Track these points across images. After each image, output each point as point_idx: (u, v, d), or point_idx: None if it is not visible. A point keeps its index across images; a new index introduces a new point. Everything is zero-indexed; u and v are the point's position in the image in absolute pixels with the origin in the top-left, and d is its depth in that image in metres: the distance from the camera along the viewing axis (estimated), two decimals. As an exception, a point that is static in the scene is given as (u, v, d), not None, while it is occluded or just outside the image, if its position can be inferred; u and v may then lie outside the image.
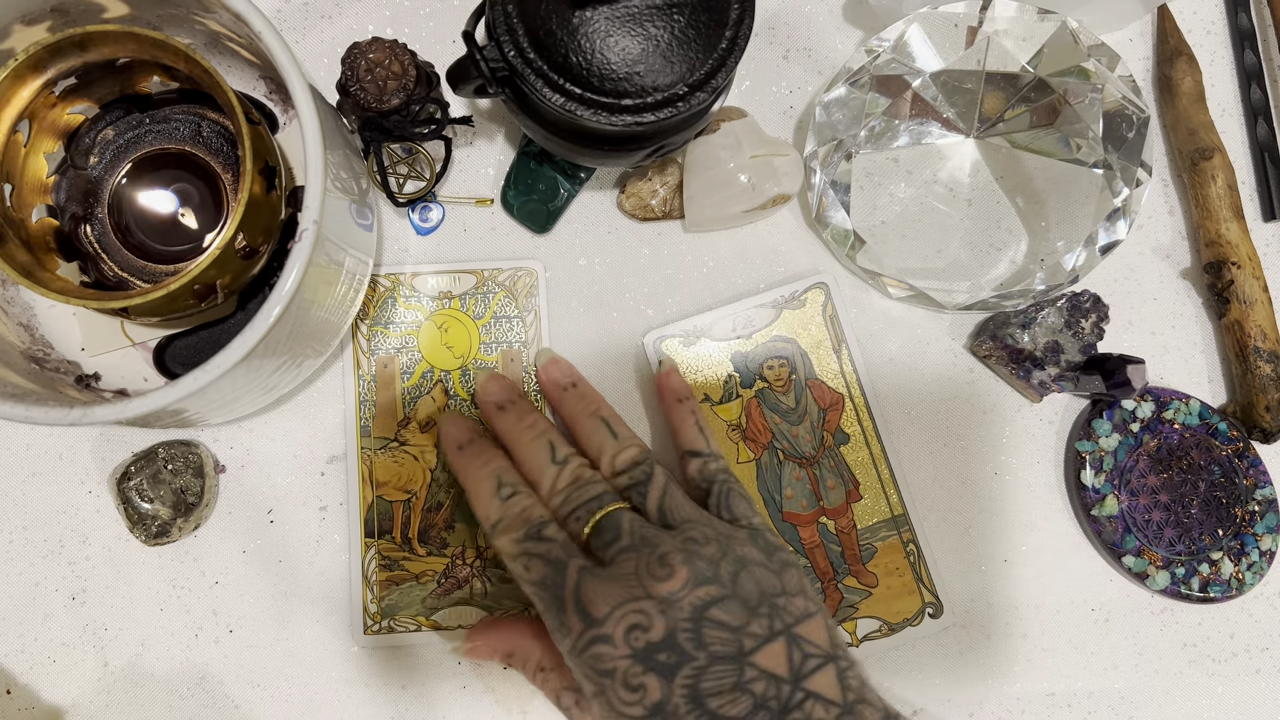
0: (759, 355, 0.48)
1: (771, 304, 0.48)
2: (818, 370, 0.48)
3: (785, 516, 0.47)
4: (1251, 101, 0.52)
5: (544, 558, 0.37)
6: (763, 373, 0.48)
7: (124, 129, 0.43)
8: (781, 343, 0.48)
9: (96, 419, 0.34)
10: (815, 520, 0.47)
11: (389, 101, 0.41)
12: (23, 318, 0.43)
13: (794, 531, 0.47)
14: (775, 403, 0.48)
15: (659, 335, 0.48)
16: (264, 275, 0.42)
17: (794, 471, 0.47)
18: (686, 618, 0.33)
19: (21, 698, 0.46)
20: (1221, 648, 0.49)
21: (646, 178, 0.49)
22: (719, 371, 0.48)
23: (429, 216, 0.49)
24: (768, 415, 0.47)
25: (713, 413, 0.47)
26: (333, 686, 0.46)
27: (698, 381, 0.48)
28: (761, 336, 0.48)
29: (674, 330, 0.48)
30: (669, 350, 0.48)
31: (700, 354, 0.48)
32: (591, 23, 0.38)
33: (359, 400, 0.47)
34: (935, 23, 0.46)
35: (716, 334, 0.48)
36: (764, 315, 0.48)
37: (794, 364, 0.48)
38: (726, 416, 0.48)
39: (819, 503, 0.47)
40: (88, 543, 0.47)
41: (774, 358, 0.48)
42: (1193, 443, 0.48)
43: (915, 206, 0.47)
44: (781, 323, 0.48)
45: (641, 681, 0.33)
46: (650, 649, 0.33)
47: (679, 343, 0.48)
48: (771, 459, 0.47)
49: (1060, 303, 0.48)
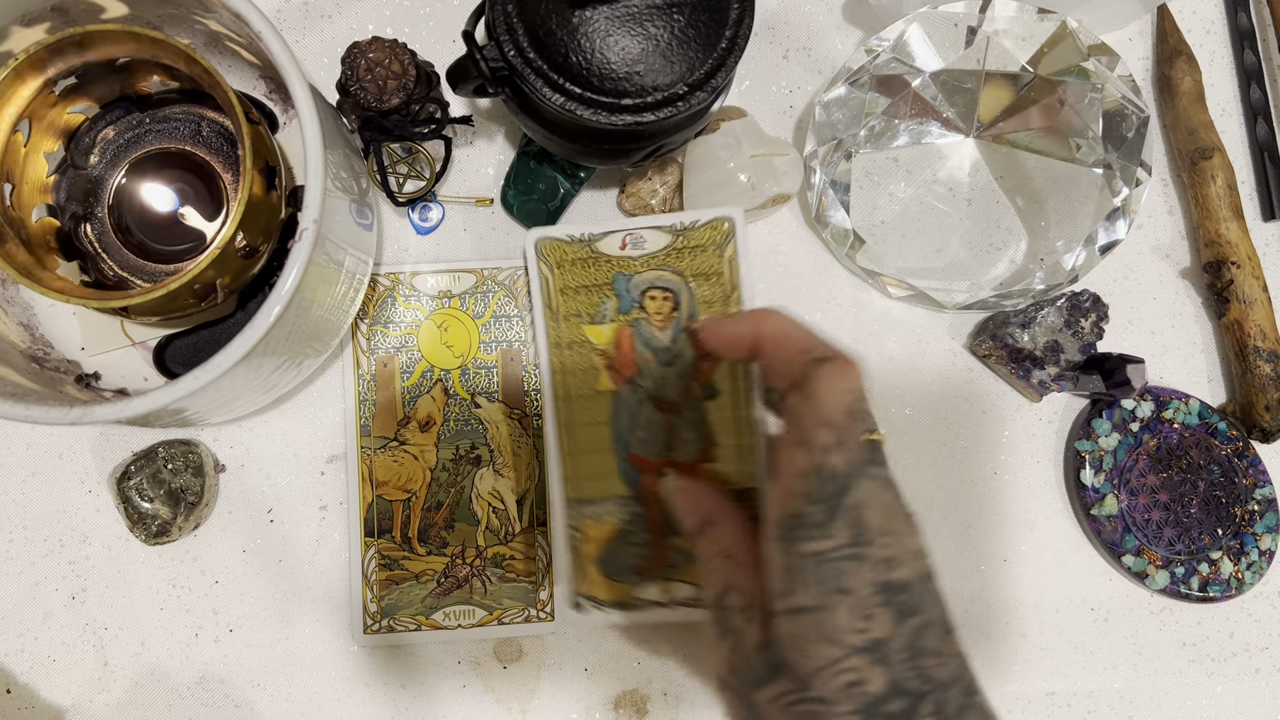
0: (643, 281, 0.44)
1: (668, 227, 0.44)
2: (702, 314, 0.44)
3: (631, 458, 0.44)
4: (1251, 101, 0.52)
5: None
6: (643, 301, 0.44)
7: (124, 128, 0.43)
8: (670, 274, 0.44)
9: (96, 418, 0.34)
10: (660, 470, 0.43)
11: (389, 101, 0.41)
12: (23, 317, 0.43)
13: (635, 475, 0.44)
14: (650, 337, 0.44)
15: (542, 235, 0.44)
16: (264, 275, 0.42)
17: (652, 414, 0.44)
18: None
19: (21, 697, 0.46)
20: (1221, 647, 0.49)
21: (646, 177, 0.49)
22: (597, 289, 0.45)
23: (429, 216, 0.49)
24: (639, 349, 0.44)
25: (584, 331, 0.44)
26: (333, 685, 0.46)
27: (573, 294, 0.44)
28: (651, 261, 0.44)
29: (559, 233, 0.45)
30: (549, 251, 0.44)
31: (582, 264, 0.44)
32: (591, 22, 0.38)
33: (359, 399, 0.47)
34: (935, 22, 0.46)
35: (603, 247, 0.44)
36: (657, 239, 0.44)
37: (679, 299, 0.44)
38: (595, 339, 0.44)
39: (669, 453, 0.43)
40: (88, 542, 0.47)
41: (658, 288, 0.44)
42: (1192, 442, 0.48)
43: (915, 206, 0.47)
44: (674, 251, 0.44)
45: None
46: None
47: (564, 246, 0.44)
48: (632, 395, 0.44)
49: (1060, 302, 0.48)
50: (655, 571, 0.43)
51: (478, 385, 0.48)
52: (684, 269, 0.45)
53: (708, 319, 0.36)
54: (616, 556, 0.43)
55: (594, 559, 0.44)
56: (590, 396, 0.44)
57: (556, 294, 0.45)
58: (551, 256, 0.44)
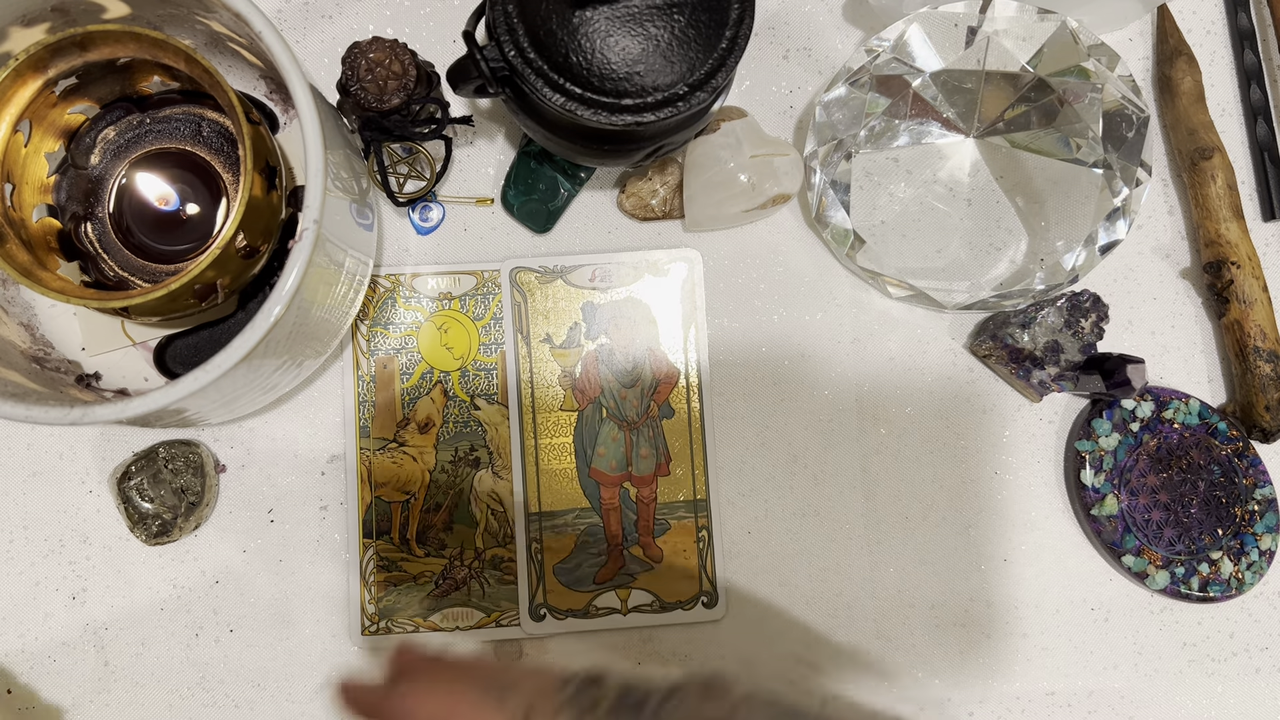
0: (609, 311, 0.48)
1: (633, 264, 0.49)
2: (663, 341, 0.48)
3: (592, 473, 0.48)
4: (1251, 101, 0.52)
5: None
6: (609, 329, 0.48)
7: (124, 129, 0.43)
8: (633, 305, 0.48)
9: (97, 418, 0.34)
10: (619, 484, 0.48)
11: (389, 101, 0.41)
12: (23, 317, 0.43)
13: (596, 489, 0.48)
14: (613, 361, 0.48)
15: (517, 264, 0.48)
16: (264, 275, 0.42)
17: (612, 432, 0.48)
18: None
19: (22, 697, 0.46)
20: (1221, 647, 0.49)
21: (646, 177, 0.49)
22: (567, 316, 0.48)
23: (429, 216, 0.49)
24: (602, 372, 0.48)
25: (551, 354, 0.48)
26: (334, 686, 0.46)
27: (546, 320, 0.48)
28: (616, 294, 0.48)
29: (533, 263, 0.48)
30: (524, 282, 0.48)
31: (554, 294, 0.48)
32: (592, 22, 0.38)
33: (358, 400, 0.47)
34: (935, 23, 0.46)
35: (574, 279, 0.48)
36: (623, 273, 0.48)
37: (641, 328, 0.48)
38: (562, 362, 0.48)
39: (628, 468, 0.48)
40: (88, 542, 0.47)
41: (623, 317, 0.48)
42: (1192, 442, 0.48)
43: (915, 206, 0.47)
44: (640, 285, 0.49)
45: None
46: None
47: (536, 277, 0.48)
48: (594, 414, 0.48)
49: (1060, 302, 0.48)
50: (612, 580, 0.47)
51: (477, 387, 0.48)
52: (649, 302, 0.49)
53: (351, 686, 0.33)
54: (575, 567, 0.47)
55: (554, 569, 0.47)
56: (554, 415, 0.48)
57: (527, 319, 0.48)
58: (525, 285, 0.48)
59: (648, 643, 0.47)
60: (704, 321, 0.49)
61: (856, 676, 0.48)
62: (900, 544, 0.48)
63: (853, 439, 0.49)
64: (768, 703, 0.29)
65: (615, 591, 0.47)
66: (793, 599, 0.48)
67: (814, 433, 0.49)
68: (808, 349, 0.49)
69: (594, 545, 0.47)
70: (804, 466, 0.49)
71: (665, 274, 0.49)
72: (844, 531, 0.48)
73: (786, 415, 0.49)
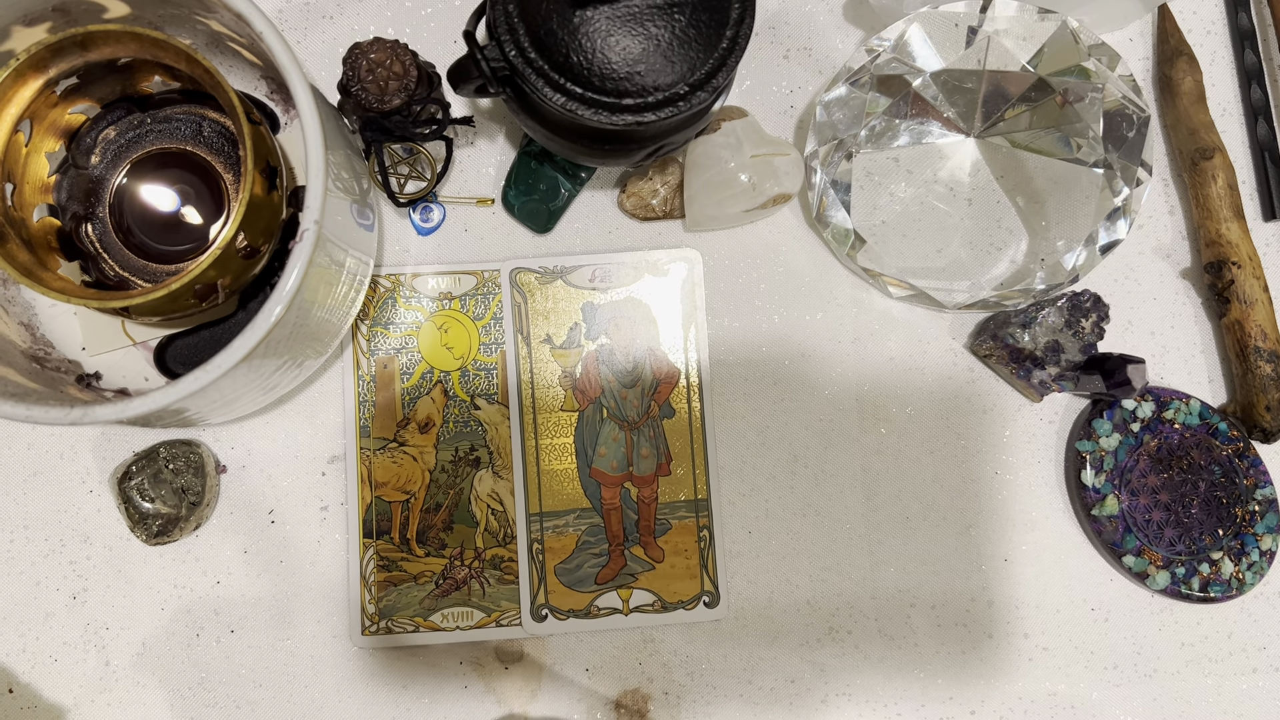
0: (609, 311, 0.48)
1: (634, 264, 0.49)
2: (663, 341, 0.48)
3: (592, 473, 0.48)
4: (1251, 101, 0.52)
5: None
6: (609, 329, 0.48)
7: (125, 129, 0.43)
8: (634, 305, 0.48)
9: (97, 418, 0.34)
10: (620, 484, 0.48)
11: (390, 101, 0.41)
12: (24, 317, 0.43)
13: (597, 489, 0.47)
14: (613, 362, 0.48)
15: (517, 264, 0.48)
16: (265, 275, 0.42)
17: (613, 432, 0.48)
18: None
19: (23, 697, 0.46)
20: (1219, 647, 0.49)
21: (647, 177, 0.49)
22: (567, 317, 0.48)
23: (430, 216, 0.49)
24: (603, 372, 0.48)
25: (552, 355, 0.48)
26: (335, 686, 0.46)
27: (546, 320, 0.48)
28: (617, 294, 0.48)
29: (533, 264, 0.48)
30: (524, 282, 0.48)
31: (554, 294, 0.48)
32: (592, 22, 0.38)
33: (358, 400, 0.47)
34: (935, 22, 0.46)
35: (574, 279, 0.48)
36: (624, 273, 0.49)
37: (641, 328, 0.48)
38: (563, 363, 0.48)
39: (629, 468, 0.48)
40: (89, 542, 0.47)
41: (623, 318, 0.48)
42: (1193, 442, 0.48)
43: (915, 206, 0.47)
44: (640, 285, 0.49)
45: None
46: None
47: (536, 278, 0.48)
48: (595, 414, 0.48)
49: (1060, 302, 0.48)
50: (614, 580, 0.47)
51: (477, 387, 0.48)
52: (649, 302, 0.49)
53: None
54: (577, 567, 0.47)
55: (555, 569, 0.47)
56: (555, 415, 0.48)
57: (527, 319, 0.48)
58: (525, 285, 0.48)
59: (649, 643, 0.47)
60: (704, 321, 0.49)
61: (858, 676, 0.48)
62: (901, 544, 0.48)
63: (853, 439, 0.49)
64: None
65: (617, 591, 0.47)
66: (794, 598, 0.48)
67: (814, 432, 0.49)
68: (808, 349, 0.49)
69: (595, 545, 0.47)
70: (804, 466, 0.49)
71: (665, 274, 0.49)
72: (844, 531, 0.48)
73: (787, 415, 0.49)
